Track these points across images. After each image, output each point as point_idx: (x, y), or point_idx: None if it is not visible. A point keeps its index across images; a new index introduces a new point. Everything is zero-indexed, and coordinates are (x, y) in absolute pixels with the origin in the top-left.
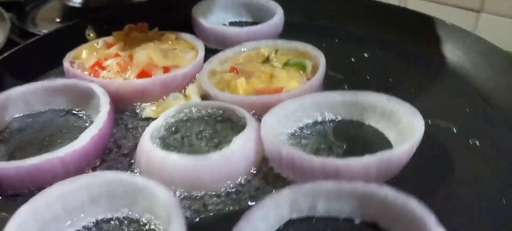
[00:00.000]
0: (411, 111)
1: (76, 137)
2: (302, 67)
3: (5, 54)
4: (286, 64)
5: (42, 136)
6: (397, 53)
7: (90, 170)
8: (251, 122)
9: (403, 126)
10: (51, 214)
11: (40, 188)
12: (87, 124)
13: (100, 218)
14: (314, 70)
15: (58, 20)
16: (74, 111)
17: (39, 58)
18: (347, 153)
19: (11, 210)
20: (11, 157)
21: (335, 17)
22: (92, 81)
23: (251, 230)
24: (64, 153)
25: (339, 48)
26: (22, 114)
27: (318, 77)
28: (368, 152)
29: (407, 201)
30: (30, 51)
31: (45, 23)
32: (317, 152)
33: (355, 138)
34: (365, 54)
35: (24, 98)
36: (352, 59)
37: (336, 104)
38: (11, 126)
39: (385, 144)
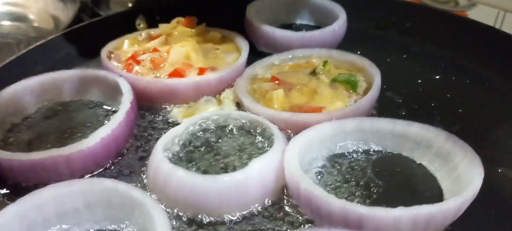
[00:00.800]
0: (472, 159)
1: None
2: (352, 85)
3: (58, 34)
4: (334, 80)
5: (65, 127)
6: (476, 81)
7: (102, 170)
8: (278, 142)
9: (458, 173)
10: (42, 216)
11: (46, 183)
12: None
13: (95, 228)
14: (368, 90)
15: (130, 5)
16: (104, 106)
17: (91, 42)
18: (385, 195)
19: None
20: (29, 144)
21: (409, 29)
22: (121, 75)
23: None
24: (69, 152)
25: (406, 65)
26: (53, 101)
27: (367, 99)
28: (412, 196)
29: None
30: (84, 34)
31: (118, 7)
32: (347, 186)
33: (399, 177)
34: (436, 77)
35: (57, 85)
36: (419, 80)
37: (384, 133)
38: (39, 112)
39: (435, 191)
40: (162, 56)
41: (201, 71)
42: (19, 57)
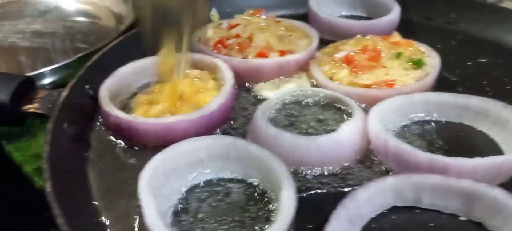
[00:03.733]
0: None
1: None
2: (418, 64)
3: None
4: (398, 55)
5: None
6: None
7: None
8: (357, 111)
9: None
10: (175, 165)
11: (168, 145)
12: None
13: (216, 176)
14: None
15: None
16: None
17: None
18: (451, 155)
19: (141, 158)
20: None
21: (454, 19)
22: (216, 57)
23: (355, 208)
24: (195, 116)
25: (455, 51)
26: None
27: (432, 76)
28: (476, 155)
29: None
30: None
31: None
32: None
33: (463, 141)
34: (484, 60)
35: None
36: (469, 63)
37: (446, 105)
38: (142, 88)
39: (496, 152)
40: (245, 41)
41: (282, 53)
42: (117, 43)
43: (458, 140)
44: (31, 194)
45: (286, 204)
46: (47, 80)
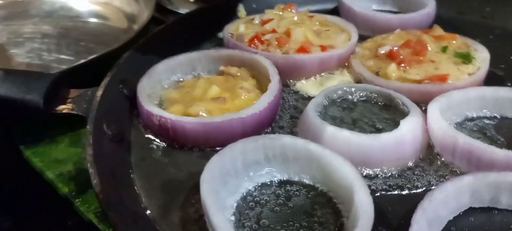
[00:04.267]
0: None
1: None
2: (468, 59)
3: (162, 27)
4: (444, 49)
5: None
6: None
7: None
8: (414, 108)
9: None
10: (232, 166)
11: (215, 145)
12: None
13: (273, 178)
14: None
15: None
16: None
17: (190, 32)
18: None
19: (183, 159)
20: None
21: (489, 13)
22: (255, 52)
23: (434, 211)
24: (245, 115)
25: (496, 45)
26: (186, 77)
27: (484, 70)
28: None
29: None
30: (193, 21)
31: (180, 1)
32: None
33: None
34: None
35: (191, 64)
36: (511, 57)
37: (503, 100)
38: (174, 85)
39: None
40: (283, 36)
41: (323, 48)
42: (144, 42)
43: None
44: (54, 201)
45: (363, 207)
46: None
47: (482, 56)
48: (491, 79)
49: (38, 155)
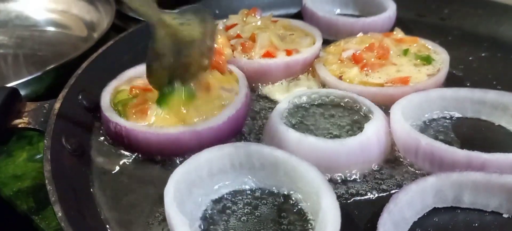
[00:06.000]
0: None
1: None
2: (428, 61)
3: (122, 35)
4: (406, 52)
5: None
6: None
7: None
8: (377, 111)
9: None
10: (197, 176)
11: (171, 155)
12: None
13: (240, 187)
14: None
15: None
16: None
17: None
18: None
19: (141, 171)
20: None
21: (447, 15)
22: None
23: (399, 212)
24: (201, 128)
25: (454, 46)
26: None
27: (444, 71)
28: (500, 151)
29: None
30: (146, 31)
31: None
32: None
33: (484, 137)
34: (483, 54)
35: None
36: (470, 57)
37: (463, 101)
38: None
39: None
40: (248, 42)
41: (288, 53)
42: (106, 49)
43: (479, 136)
44: (12, 219)
45: (331, 212)
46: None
47: (441, 58)
48: (451, 80)
49: None
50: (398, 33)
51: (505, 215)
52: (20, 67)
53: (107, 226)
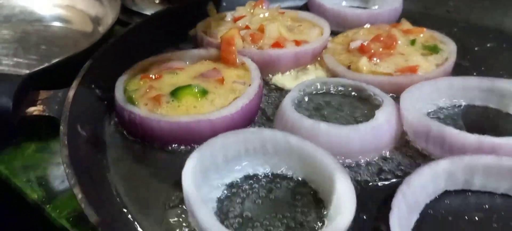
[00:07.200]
0: None
1: None
2: (435, 50)
3: (131, 26)
4: (413, 42)
5: None
6: None
7: None
8: (387, 99)
9: None
10: (212, 161)
11: (185, 143)
12: None
13: (254, 172)
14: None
15: (157, 1)
16: None
17: (160, 32)
18: None
19: (155, 159)
20: None
21: (453, 7)
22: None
23: (412, 195)
24: (215, 117)
25: (461, 38)
26: None
27: (452, 60)
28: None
29: None
30: (163, 21)
31: (145, 2)
32: None
33: (493, 124)
34: (488, 45)
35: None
36: (476, 48)
37: (472, 89)
38: None
39: None
40: (256, 33)
41: (297, 43)
42: (115, 42)
43: (488, 123)
44: (22, 209)
45: (346, 195)
46: None
47: (449, 48)
48: (458, 70)
49: (2, 162)
50: (405, 24)
51: None
52: (25, 61)
53: (125, 209)
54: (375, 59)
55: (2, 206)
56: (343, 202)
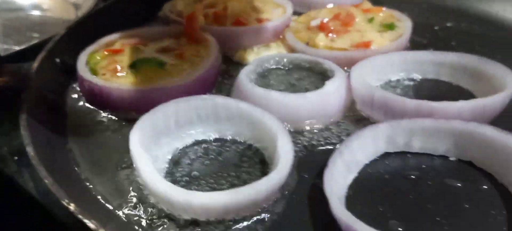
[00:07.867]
0: (504, 70)
1: None
2: (391, 27)
3: (100, 7)
4: (371, 20)
5: None
6: (484, 25)
7: None
8: (339, 71)
9: (494, 83)
10: (164, 125)
11: (144, 112)
12: None
13: (206, 137)
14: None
15: None
16: None
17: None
18: None
19: (114, 127)
20: None
21: None
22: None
23: (350, 154)
24: (169, 85)
25: (422, 17)
26: None
27: (406, 36)
28: None
29: (507, 139)
30: (122, 4)
31: None
32: None
33: (440, 95)
34: (448, 24)
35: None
36: (436, 27)
37: (424, 63)
38: None
39: None
40: (220, 11)
41: (259, 21)
42: (81, 21)
43: (436, 94)
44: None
45: (284, 150)
46: None
47: (404, 24)
48: (415, 47)
49: None
50: (366, 4)
51: (451, 158)
52: (5, 46)
53: (76, 168)
54: (331, 35)
55: None
56: (281, 157)
